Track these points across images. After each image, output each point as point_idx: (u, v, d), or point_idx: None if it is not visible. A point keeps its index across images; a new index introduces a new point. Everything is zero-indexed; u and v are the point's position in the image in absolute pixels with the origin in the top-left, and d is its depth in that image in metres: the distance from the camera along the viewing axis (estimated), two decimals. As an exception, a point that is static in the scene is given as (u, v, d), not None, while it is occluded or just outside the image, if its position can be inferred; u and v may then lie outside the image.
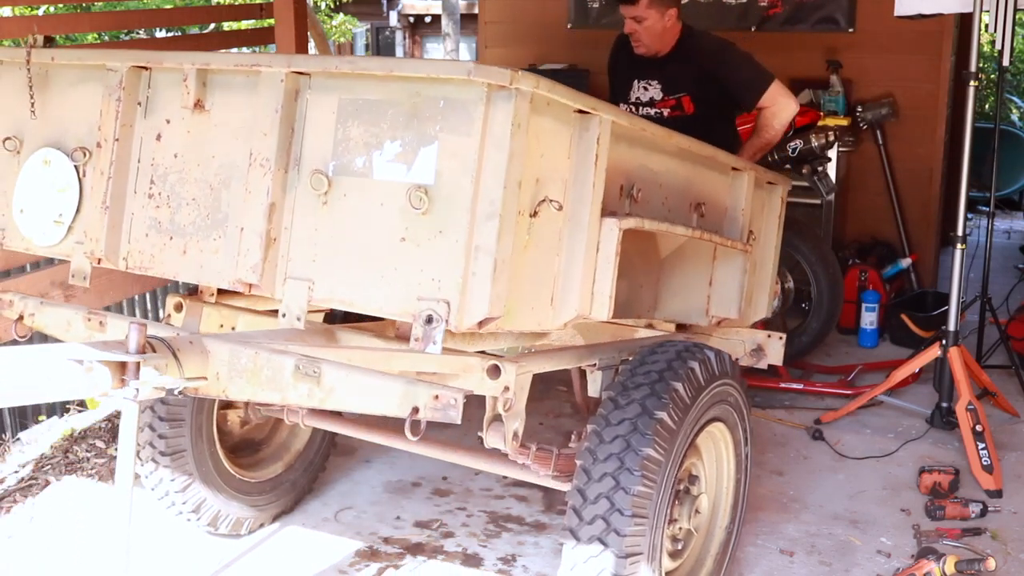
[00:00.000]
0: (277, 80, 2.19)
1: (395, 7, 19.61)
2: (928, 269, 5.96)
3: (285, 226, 2.21)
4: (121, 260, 2.41)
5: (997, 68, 6.58)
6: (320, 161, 2.18)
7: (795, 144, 4.73)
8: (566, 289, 2.32)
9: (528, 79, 2.03)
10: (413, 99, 2.08)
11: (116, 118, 2.40)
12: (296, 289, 2.20)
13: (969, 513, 3.52)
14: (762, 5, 5.97)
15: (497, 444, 2.43)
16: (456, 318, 2.02)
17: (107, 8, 9.87)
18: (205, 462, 3.19)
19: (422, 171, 2.06)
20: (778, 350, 3.55)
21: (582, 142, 2.28)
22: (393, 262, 2.09)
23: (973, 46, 4.07)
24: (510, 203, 2.04)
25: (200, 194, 2.32)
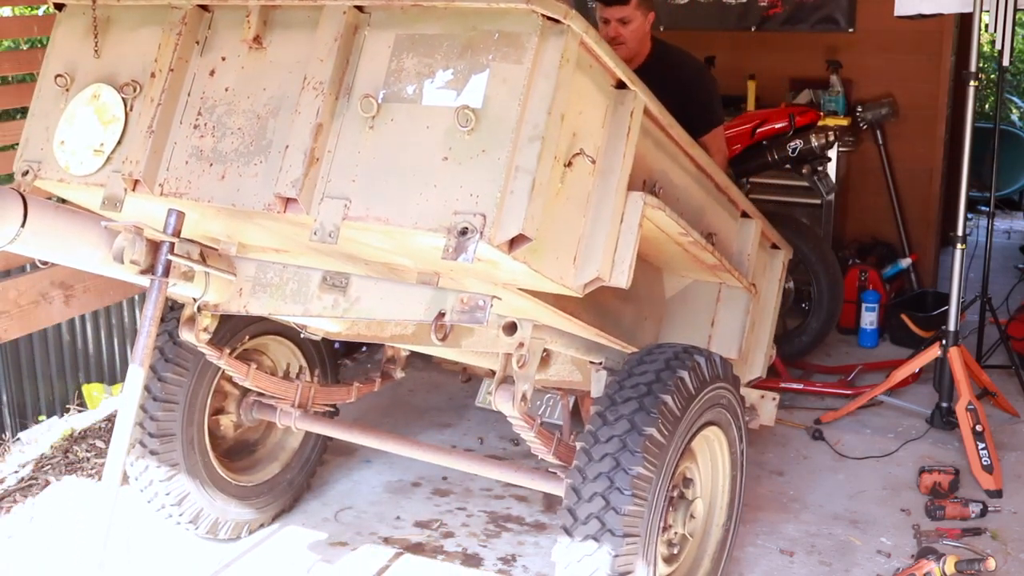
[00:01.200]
0: (339, 13, 2.29)
1: (395, 7, 19.59)
2: (928, 269, 5.96)
3: (329, 148, 2.28)
4: (157, 186, 2.46)
5: (997, 68, 6.58)
6: (371, 88, 2.26)
7: (795, 144, 4.73)
8: (589, 249, 2.39)
9: (579, 20, 2.15)
10: (469, 32, 2.19)
11: (174, 50, 2.48)
12: (332, 206, 2.25)
13: (969, 513, 3.52)
14: (762, 5, 5.97)
15: (505, 407, 2.46)
16: (491, 231, 2.10)
17: (107, 8, 9.84)
18: (199, 472, 3.18)
19: (472, 95, 2.16)
20: (770, 411, 3.60)
21: (617, 113, 2.39)
22: (433, 180, 2.16)
23: (973, 46, 4.07)
24: (552, 130, 2.14)
25: (246, 124, 2.40)
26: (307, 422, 3.27)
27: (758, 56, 5.95)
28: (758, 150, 4.82)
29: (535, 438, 2.63)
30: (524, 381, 2.45)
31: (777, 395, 3.61)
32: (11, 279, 3.76)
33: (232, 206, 2.38)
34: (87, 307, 4.20)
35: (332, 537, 3.42)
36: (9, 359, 7.75)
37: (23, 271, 4.08)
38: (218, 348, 2.91)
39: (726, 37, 6.05)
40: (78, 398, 5.53)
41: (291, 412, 3.24)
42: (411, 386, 4.62)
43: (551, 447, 2.69)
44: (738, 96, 5.83)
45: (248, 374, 3.06)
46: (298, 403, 3.25)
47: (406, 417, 4.38)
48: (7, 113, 4.21)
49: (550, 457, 2.71)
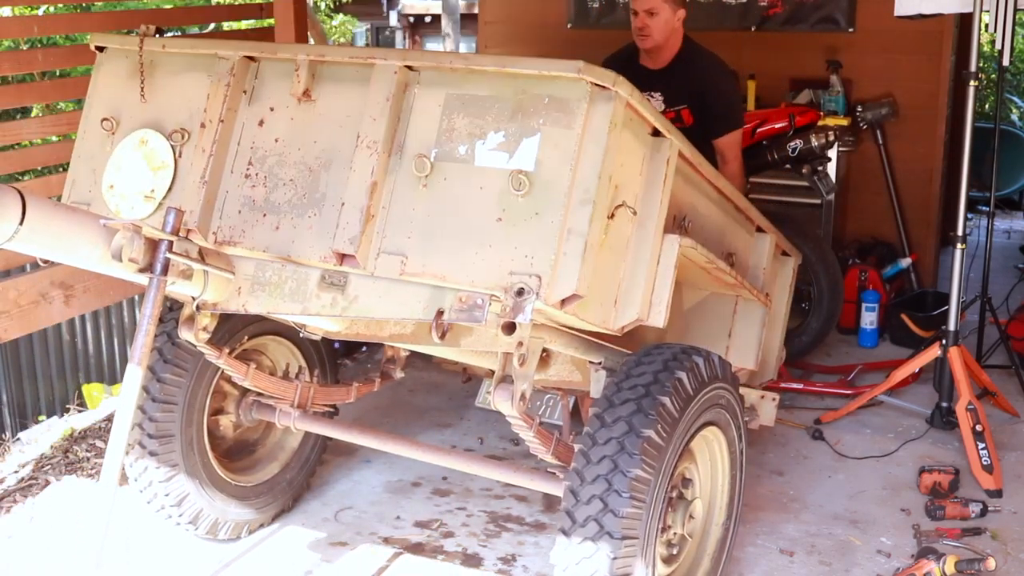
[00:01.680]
0: (391, 72, 2.36)
1: (395, 7, 19.60)
2: (928, 269, 5.95)
3: (383, 205, 2.35)
4: (211, 234, 2.53)
5: (997, 68, 6.57)
6: (423, 147, 2.33)
7: (795, 144, 4.73)
8: (629, 293, 2.49)
9: (626, 85, 2.24)
10: (519, 96, 2.27)
11: (223, 102, 2.54)
12: (388, 262, 2.33)
13: (969, 513, 3.52)
14: (762, 5, 5.97)
15: (504, 406, 2.47)
16: (546, 291, 2.19)
17: (107, 8, 9.87)
18: (198, 473, 3.17)
19: (523, 159, 2.24)
20: (770, 411, 3.63)
21: (653, 161, 2.48)
22: (488, 240, 2.25)
23: (973, 46, 4.07)
24: (602, 193, 2.24)
25: (298, 175, 2.46)
26: (306, 422, 3.26)
27: (758, 56, 5.95)
28: (758, 150, 4.82)
29: (534, 438, 2.64)
30: (523, 380, 2.46)
31: (777, 395, 3.63)
32: (11, 279, 3.76)
33: (288, 257, 2.47)
34: (87, 307, 4.20)
35: (332, 537, 3.42)
36: (9, 359, 7.76)
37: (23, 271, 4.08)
38: (217, 348, 2.91)
39: (726, 37, 6.03)
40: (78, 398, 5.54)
41: (290, 412, 3.24)
42: (411, 386, 4.62)
43: (550, 447, 2.70)
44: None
45: (247, 374, 3.06)
46: (297, 403, 3.25)
47: (406, 417, 4.38)
48: (7, 113, 4.22)
49: (549, 457, 2.72)
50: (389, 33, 20.38)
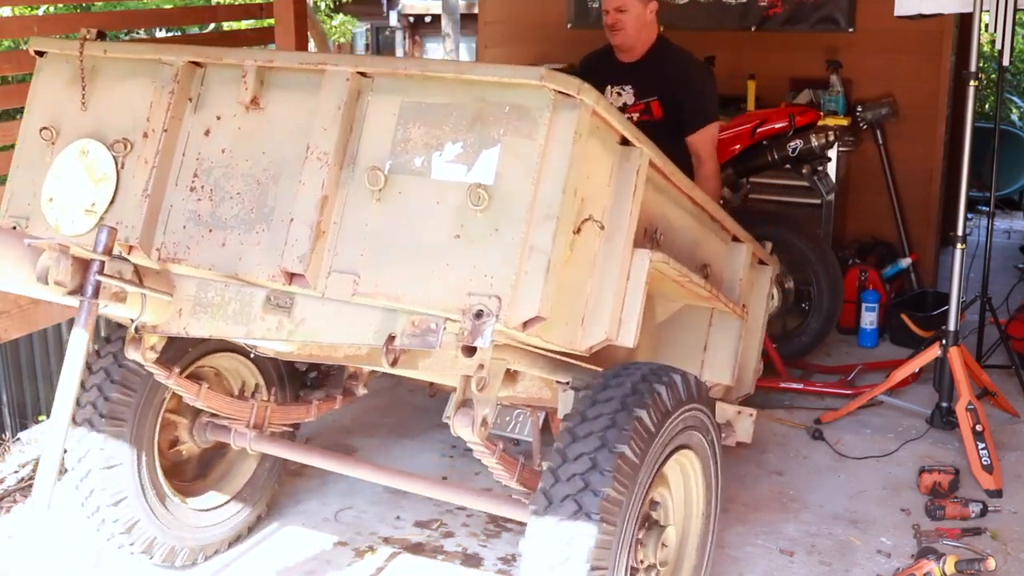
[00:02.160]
0: (342, 79, 2.24)
1: (395, 7, 19.60)
2: (928, 269, 5.96)
3: (334, 221, 2.23)
4: (154, 250, 2.41)
5: (997, 68, 6.57)
6: (377, 159, 2.22)
7: (795, 144, 4.73)
8: (597, 311, 2.36)
9: (591, 93, 2.12)
10: (478, 104, 2.15)
11: (167, 110, 2.41)
12: (340, 281, 2.21)
13: (969, 513, 3.52)
14: (762, 5, 5.97)
15: (464, 432, 2.33)
16: (506, 314, 2.07)
17: (107, 8, 9.87)
18: (150, 496, 3.02)
19: (483, 171, 2.12)
20: (747, 427, 3.47)
21: (622, 171, 2.36)
22: (445, 258, 2.13)
23: (973, 46, 4.07)
24: (566, 208, 2.11)
25: (246, 188, 2.34)
26: (263, 443, 3.11)
27: (758, 56, 5.95)
28: (758, 150, 4.82)
29: (497, 464, 2.53)
30: (484, 405, 2.32)
31: (754, 411, 3.48)
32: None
33: (235, 275, 2.33)
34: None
35: (332, 537, 3.42)
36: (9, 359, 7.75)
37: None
38: (167, 367, 2.79)
39: (726, 37, 6.05)
40: (78, 398, 5.52)
41: (246, 433, 3.09)
42: (411, 386, 4.62)
43: (514, 473, 2.58)
44: (738, 96, 5.83)
45: (199, 394, 2.92)
46: (253, 423, 3.11)
47: (406, 417, 4.37)
48: (7, 113, 4.22)
49: (514, 484, 2.60)
50: (389, 33, 20.38)
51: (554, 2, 6.50)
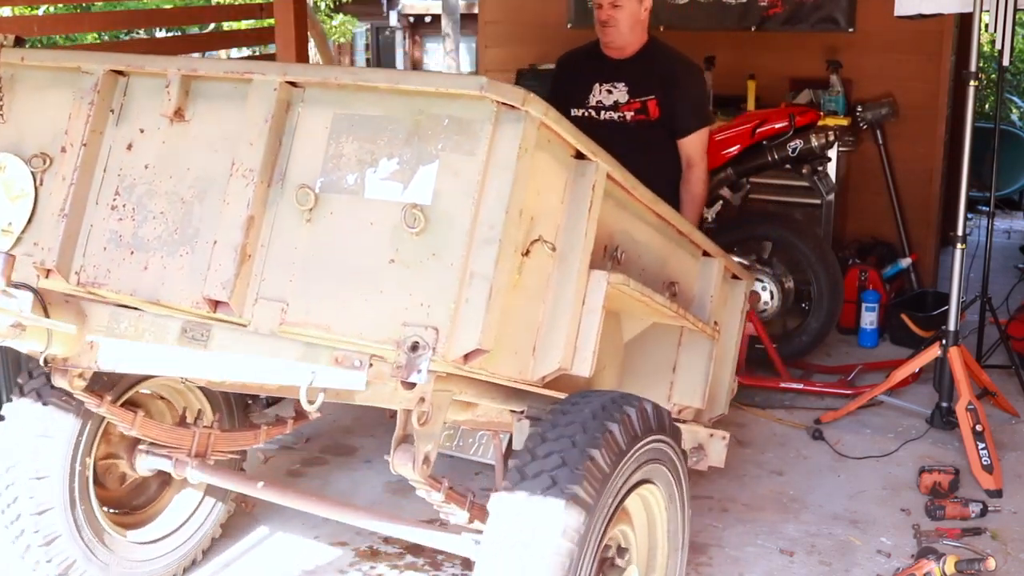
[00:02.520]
0: (270, 89, 2.08)
1: (395, 7, 19.61)
2: (928, 269, 5.96)
3: (262, 243, 2.07)
4: (73, 274, 2.23)
5: (997, 68, 6.57)
6: (307, 177, 2.05)
7: (795, 144, 4.74)
8: (550, 339, 2.19)
9: (538, 104, 1.95)
10: (415, 116, 1.99)
11: (86, 123, 2.25)
12: (267, 310, 2.04)
13: (969, 513, 3.52)
14: (762, 5, 5.97)
15: (404, 470, 2.16)
16: (444, 346, 1.90)
17: (107, 8, 9.87)
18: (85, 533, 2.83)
19: (419, 190, 1.95)
20: (720, 451, 3.29)
21: (577, 187, 2.19)
22: (379, 285, 1.96)
23: (973, 46, 4.07)
24: (510, 230, 1.94)
25: (169, 208, 2.17)
26: (204, 472, 2.90)
27: (758, 56, 5.95)
28: (758, 150, 4.83)
29: (444, 503, 2.36)
30: (427, 441, 2.15)
31: (727, 434, 3.33)
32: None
33: (157, 302, 2.17)
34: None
35: (332, 537, 3.42)
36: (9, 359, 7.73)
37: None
38: (98, 395, 2.62)
39: (726, 37, 6.05)
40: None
41: (187, 462, 2.89)
42: (411, 386, 4.61)
43: (465, 509, 2.42)
44: (738, 96, 5.83)
45: (134, 422, 2.73)
46: (195, 452, 2.91)
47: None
48: None
49: (464, 522, 2.45)
50: (389, 33, 20.39)
51: (554, 2, 6.50)
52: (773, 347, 4.75)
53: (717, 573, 3.25)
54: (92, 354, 2.28)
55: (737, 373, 4.57)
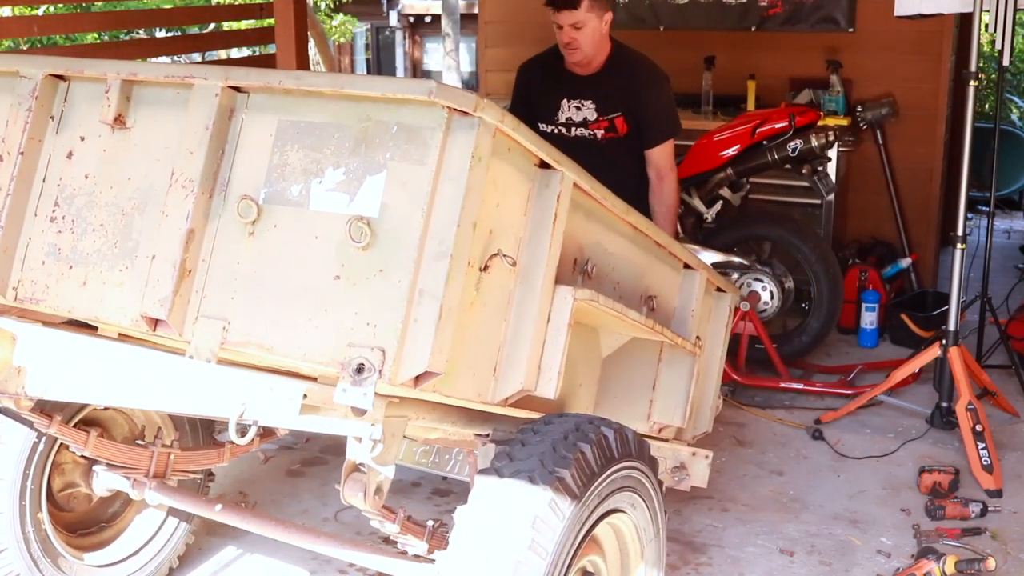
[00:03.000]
0: (211, 95, 1.98)
1: (395, 7, 19.61)
2: (928, 269, 5.96)
3: (203, 258, 1.98)
4: (11, 289, 2.14)
5: (997, 68, 6.58)
6: (251, 188, 1.95)
7: (795, 144, 4.73)
8: (512, 359, 2.08)
9: (492, 110, 1.85)
10: (363, 123, 1.89)
11: (24, 130, 2.15)
12: (208, 329, 1.94)
13: (969, 513, 3.52)
14: (762, 5, 5.97)
15: (356, 500, 2.04)
16: (391, 369, 1.79)
17: (107, 8, 9.87)
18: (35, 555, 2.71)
19: (366, 202, 1.85)
20: (703, 471, 3.17)
21: (541, 198, 2.09)
22: (324, 303, 1.86)
23: (973, 46, 4.08)
24: (462, 245, 1.84)
25: (109, 220, 2.08)
26: (163, 494, 2.78)
27: (758, 56, 5.95)
28: (758, 150, 4.83)
29: (401, 533, 2.26)
30: (379, 471, 2.03)
31: (710, 453, 3.21)
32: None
33: (96, 319, 2.08)
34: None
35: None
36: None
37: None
38: (47, 416, 2.51)
39: (726, 37, 6.05)
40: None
41: (145, 482, 2.77)
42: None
43: (423, 539, 2.31)
44: (738, 96, 5.84)
45: (87, 443, 2.63)
46: (153, 472, 2.79)
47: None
48: None
49: (424, 552, 2.33)
50: (389, 33, 20.40)
51: (554, 2, 6.50)
52: (773, 347, 4.75)
53: (717, 573, 3.25)
54: (19, 379, 2.17)
55: (737, 373, 4.62)
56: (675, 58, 6.12)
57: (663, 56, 6.20)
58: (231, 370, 1.98)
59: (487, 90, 6.80)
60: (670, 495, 3.20)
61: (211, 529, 3.37)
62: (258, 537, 3.17)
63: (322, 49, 12.02)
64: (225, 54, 6.67)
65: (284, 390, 1.90)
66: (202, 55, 11.75)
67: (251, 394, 1.92)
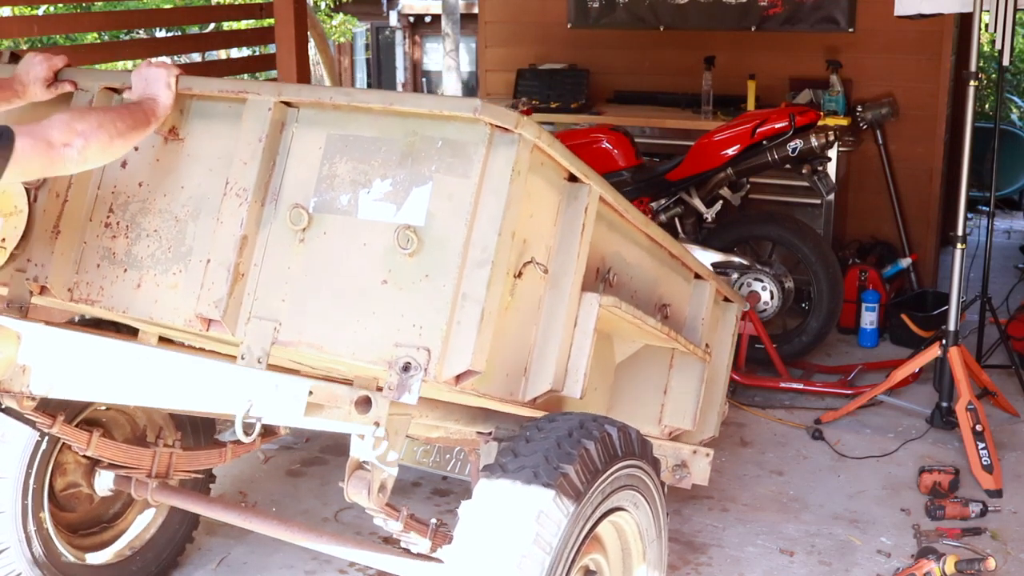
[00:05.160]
0: (264, 109, 2.09)
1: (395, 7, 19.60)
2: (928, 269, 5.96)
3: (255, 262, 2.08)
4: (66, 290, 2.26)
5: (997, 68, 6.58)
6: (301, 197, 2.07)
7: (795, 144, 4.74)
8: (541, 361, 2.19)
9: (531, 127, 1.97)
10: (409, 138, 2.00)
11: None
12: (260, 329, 2.05)
13: (969, 513, 3.52)
14: (762, 5, 5.97)
15: (359, 498, 2.08)
16: (436, 367, 1.90)
17: (107, 8, 9.87)
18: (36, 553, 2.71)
19: (413, 212, 1.96)
20: (704, 468, 3.22)
21: (570, 209, 2.20)
22: (371, 306, 1.97)
23: (973, 46, 4.08)
24: (503, 253, 1.95)
25: (163, 226, 2.19)
26: (164, 494, 2.82)
27: (758, 56, 5.95)
28: (758, 150, 4.83)
29: (404, 532, 2.30)
30: (383, 468, 2.07)
31: (711, 451, 3.24)
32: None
33: (149, 319, 2.17)
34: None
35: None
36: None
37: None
38: (50, 415, 2.54)
39: (726, 37, 6.05)
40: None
41: (147, 482, 2.81)
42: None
43: (427, 536, 2.35)
44: (738, 96, 5.84)
45: (90, 443, 2.65)
46: (155, 472, 2.83)
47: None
48: (7, 113, 4.20)
49: (427, 550, 2.37)
50: (389, 33, 20.39)
51: (554, 2, 6.50)
52: (773, 347, 4.75)
53: (717, 573, 3.25)
54: (24, 378, 2.21)
55: (737, 373, 4.62)
56: (675, 58, 6.16)
57: (663, 56, 6.26)
58: (237, 368, 2.04)
59: (487, 90, 6.81)
60: (670, 495, 3.20)
61: (211, 529, 3.38)
62: (257, 537, 3.22)
63: (322, 49, 12.02)
64: (225, 54, 6.68)
65: (290, 388, 1.95)
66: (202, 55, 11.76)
67: (257, 392, 1.96)
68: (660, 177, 4.98)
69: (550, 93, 6.20)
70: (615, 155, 5.05)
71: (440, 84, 16.61)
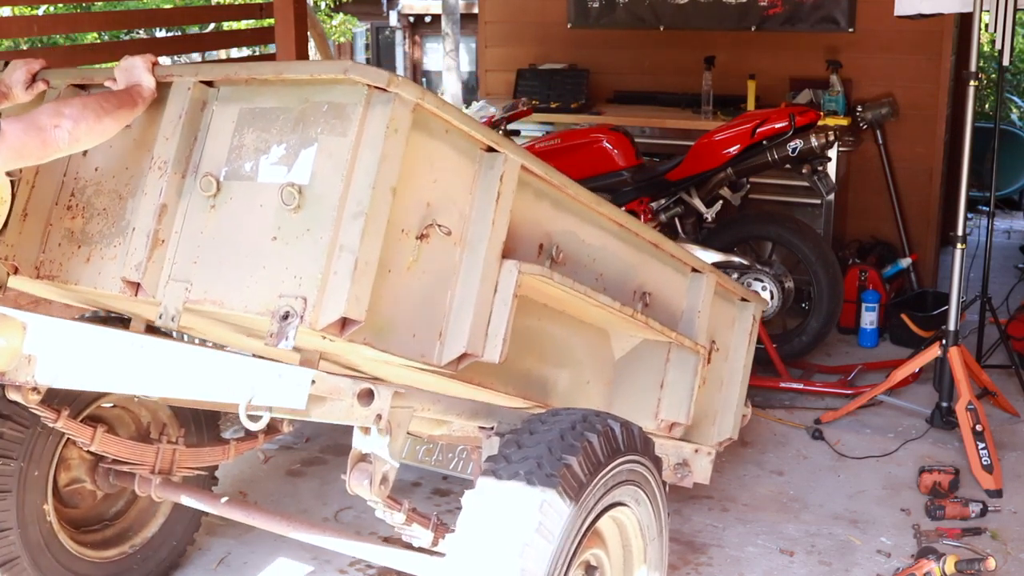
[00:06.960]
0: (184, 89, 2.27)
1: (395, 7, 19.60)
2: (928, 269, 5.96)
3: (175, 230, 2.23)
4: (34, 268, 2.42)
5: (997, 68, 6.58)
6: (214, 167, 2.22)
7: (795, 144, 4.74)
8: (457, 324, 2.25)
9: (410, 87, 2.07)
10: (302, 105, 2.15)
11: None
12: (175, 290, 2.20)
13: (969, 513, 3.52)
14: (762, 5, 5.97)
15: (361, 491, 2.15)
16: (312, 315, 1.99)
17: (107, 8, 9.87)
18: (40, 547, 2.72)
19: (300, 171, 2.10)
20: (706, 467, 3.26)
21: (485, 178, 2.29)
22: (263, 261, 2.10)
23: (973, 46, 4.08)
24: (380, 206, 2.04)
25: (110, 204, 2.36)
26: (168, 490, 2.85)
27: (758, 56, 5.95)
28: (758, 150, 4.83)
29: (406, 524, 2.34)
30: (385, 459, 2.13)
31: (712, 450, 3.25)
32: (11, 279, 3.75)
33: (94, 289, 2.32)
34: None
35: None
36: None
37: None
38: (55, 410, 2.56)
39: (726, 37, 6.05)
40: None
41: (151, 479, 2.83)
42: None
43: (429, 528, 2.38)
44: (738, 96, 5.84)
45: (94, 438, 2.67)
46: (159, 468, 2.85)
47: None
48: (7, 113, 4.20)
49: (429, 544, 2.40)
50: (389, 33, 20.39)
51: (554, 2, 6.50)
52: (773, 347, 4.75)
53: (717, 573, 3.25)
54: (29, 368, 2.27)
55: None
56: (675, 58, 6.16)
57: (663, 56, 6.25)
58: (240, 357, 2.13)
59: (487, 90, 6.81)
60: (670, 494, 3.20)
61: (211, 529, 3.38)
62: (258, 538, 3.24)
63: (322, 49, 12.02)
64: (225, 54, 6.67)
65: (292, 377, 2.03)
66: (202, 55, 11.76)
67: (260, 381, 2.05)
68: (660, 177, 4.98)
69: (550, 93, 6.20)
70: (615, 155, 5.04)
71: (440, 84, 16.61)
